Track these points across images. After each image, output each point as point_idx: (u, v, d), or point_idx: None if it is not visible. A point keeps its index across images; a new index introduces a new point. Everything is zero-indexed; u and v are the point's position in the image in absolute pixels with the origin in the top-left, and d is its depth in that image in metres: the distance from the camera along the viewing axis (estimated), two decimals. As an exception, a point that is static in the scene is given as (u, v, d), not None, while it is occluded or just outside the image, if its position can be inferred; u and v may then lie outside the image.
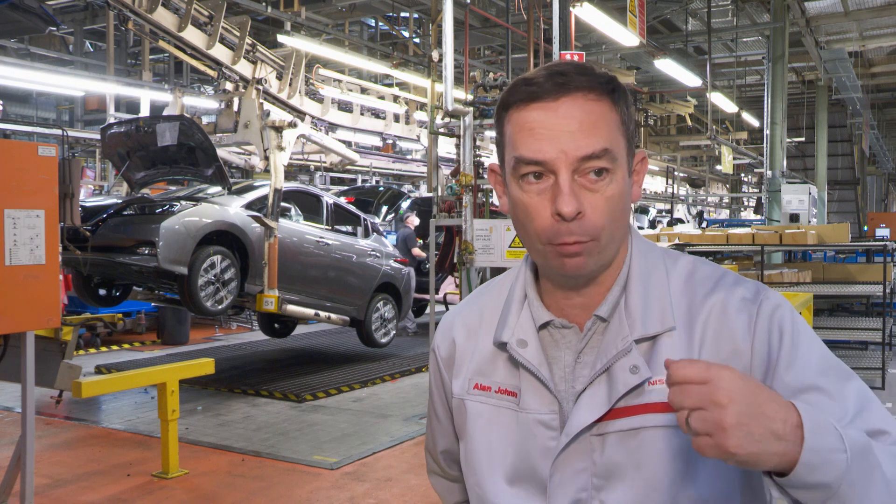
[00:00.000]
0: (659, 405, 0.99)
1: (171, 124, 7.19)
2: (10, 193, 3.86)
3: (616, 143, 1.00)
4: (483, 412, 1.11)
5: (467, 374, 1.14)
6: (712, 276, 1.07)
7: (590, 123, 0.98)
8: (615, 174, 1.00)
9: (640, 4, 8.56)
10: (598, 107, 1.00)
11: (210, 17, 7.57)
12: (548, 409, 1.05)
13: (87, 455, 5.52)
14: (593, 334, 1.05)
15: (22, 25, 7.01)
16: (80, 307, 9.40)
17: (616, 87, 1.02)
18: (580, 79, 1.00)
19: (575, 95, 0.99)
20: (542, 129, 0.99)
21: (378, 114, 11.93)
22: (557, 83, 0.99)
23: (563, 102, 0.99)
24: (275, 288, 7.39)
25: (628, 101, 1.05)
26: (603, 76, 1.02)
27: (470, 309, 1.20)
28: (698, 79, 13.61)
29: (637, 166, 1.07)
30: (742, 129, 23.22)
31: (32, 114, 18.75)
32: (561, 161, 0.98)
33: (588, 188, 0.99)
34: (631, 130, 1.04)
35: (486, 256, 6.43)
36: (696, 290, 1.06)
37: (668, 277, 1.07)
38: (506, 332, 1.09)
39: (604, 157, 0.98)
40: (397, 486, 4.92)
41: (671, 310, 1.03)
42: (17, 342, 4.06)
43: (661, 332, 1.02)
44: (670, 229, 13.82)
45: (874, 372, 7.78)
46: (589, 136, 0.98)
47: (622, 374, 1.00)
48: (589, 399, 1.02)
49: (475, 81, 7.88)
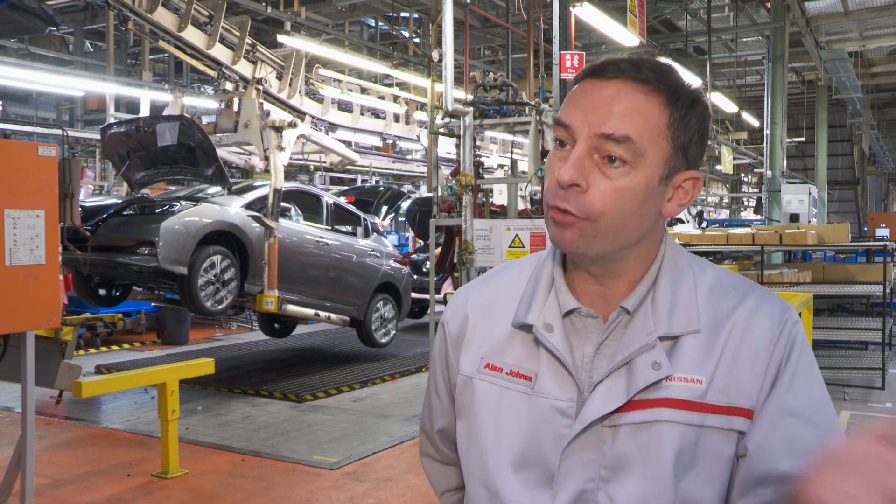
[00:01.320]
0: (672, 401, 1.00)
1: (171, 124, 7.19)
2: (10, 193, 3.86)
3: (646, 140, 0.99)
4: (492, 392, 1.10)
5: (479, 353, 1.13)
6: (740, 288, 1.08)
7: (626, 109, 0.99)
8: (635, 169, 0.99)
9: (640, 4, 8.55)
10: (646, 99, 0.99)
11: (210, 17, 7.57)
12: (567, 396, 1.04)
13: (87, 455, 5.52)
14: (616, 327, 1.05)
15: (22, 25, 7.02)
16: (80, 307, 9.40)
17: (680, 94, 1.01)
18: (645, 72, 1.00)
19: (626, 82, 1.00)
20: (582, 99, 1.02)
21: (378, 114, 11.94)
22: (620, 68, 1.01)
23: (613, 84, 1.00)
24: (275, 288, 7.39)
25: (694, 114, 1.02)
26: (670, 79, 1.02)
27: (486, 288, 1.19)
28: (698, 79, 13.60)
29: (685, 184, 1.05)
30: (742, 129, 23.23)
31: (32, 114, 18.75)
32: (582, 131, 0.99)
33: (601, 170, 0.99)
34: (684, 142, 1.02)
35: (486, 256, 6.42)
36: (724, 298, 1.06)
37: (696, 283, 1.07)
38: (531, 314, 1.08)
39: (623, 143, 0.98)
40: (397, 486, 4.92)
41: (697, 313, 1.04)
42: (17, 342, 4.06)
43: (685, 333, 1.02)
44: (670, 229, 13.80)
45: (874, 372, 7.78)
46: (619, 119, 0.98)
47: (644, 368, 1.00)
48: (607, 390, 1.01)
49: (475, 81, 7.88)
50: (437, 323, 1.25)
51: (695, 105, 1.02)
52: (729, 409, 1.00)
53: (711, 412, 1.00)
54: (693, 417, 1.00)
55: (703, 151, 1.06)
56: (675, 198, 1.05)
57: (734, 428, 1.00)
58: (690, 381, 1.00)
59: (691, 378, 1.00)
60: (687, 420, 0.99)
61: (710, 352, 1.02)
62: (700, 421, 1.00)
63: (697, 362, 1.01)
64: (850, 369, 7.91)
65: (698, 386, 1.00)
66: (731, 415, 1.00)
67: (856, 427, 0.89)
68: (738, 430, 1.01)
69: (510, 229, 6.37)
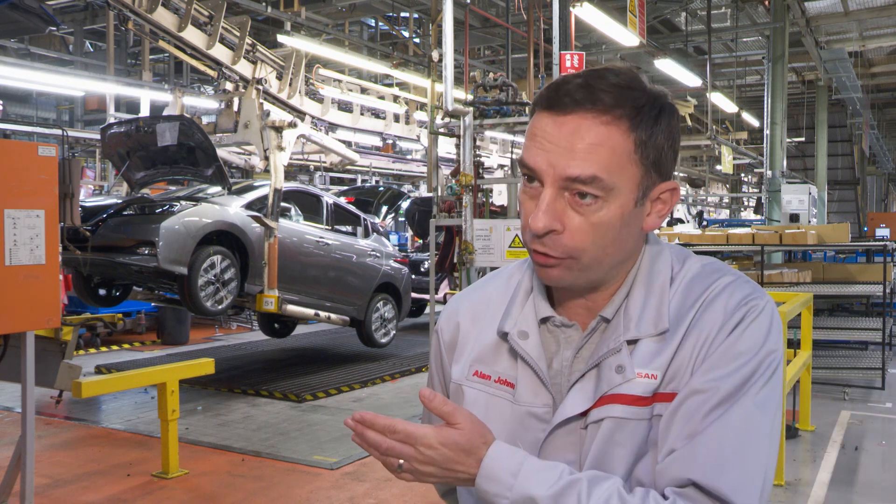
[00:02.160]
0: (624, 396, 1.00)
1: (171, 124, 7.19)
2: (10, 193, 3.86)
3: (614, 173, 0.97)
4: (479, 400, 1.11)
5: (468, 361, 1.14)
6: (713, 276, 1.06)
7: (588, 147, 0.96)
8: (608, 201, 0.98)
9: (640, 4, 8.55)
10: (607, 131, 0.97)
11: (210, 17, 7.57)
12: (541, 402, 1.06)
13: (87, 455, 5.52)
14: (595, 333, 1.06)
15: (22, 25, 7.01)
16: (80, 307, 9.40)
17: (642, 112, 0.98)
18: (602, 97, 0.97)
19: (585, 115, 0.97)
20: (542, 139, 0.99)
21: (378, 114, 11.93)
22: (575, 99, 0.97)
23: (571, 119, 0.97)
24: (275, 288, 7.39)
25: (660, 129, 1.00)
26: (628, 97, 0.98)
27: (477, 295, 1.20)
28: (698, 79, 13.61)
29: (663, 195, 1.04)
30: (742, 129, 23.24)
31: (32, 114, 18.74)
32: (548, 175, 0.98)
33: (574, 208, 0.98)
34: (654, 159, 1.00)
35: (486, 256, 6.43)
36: (693, 290, 1.05)
37: (673, 280, 1.07)
38: (508, 322, 1.10)
39: (591, 184, 0.96)
40: (397, 486, 4.92)
41: (667, 313, 1.03)
42: (17, 342, 4.06)
43: (653, 335, 1.02)
44: (670, 229, 13.79)
45: (874, 372, 7.78)
46: (583, 159, 0.96)
47: (608, 371, 1.02)
48: (577, 392, 1.03)
49: (475, 81, 7.89)
50: (437, 322, 1.26)
51: (660, 118, 1.00)
52: (673, 396, 1.00)
53: (660, 401, 1.00)
54: (642, 412, 1.00)
55: (676, 157, 1.04)
56: (653, 211, 1.05)
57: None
58: (645, 377, 1.01)
59: (645, 373, 1.01)
60: (636, 415, 1.00)
61: (667, 345, 1.02)
62: (649, 414, 1.00)
63: (652, 356, 1.02)
64: (850, 369, 7.90)
65: (652, 381, 1.01)
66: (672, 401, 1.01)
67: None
68: None
69: (510, 229, 6.37)
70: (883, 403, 7.14)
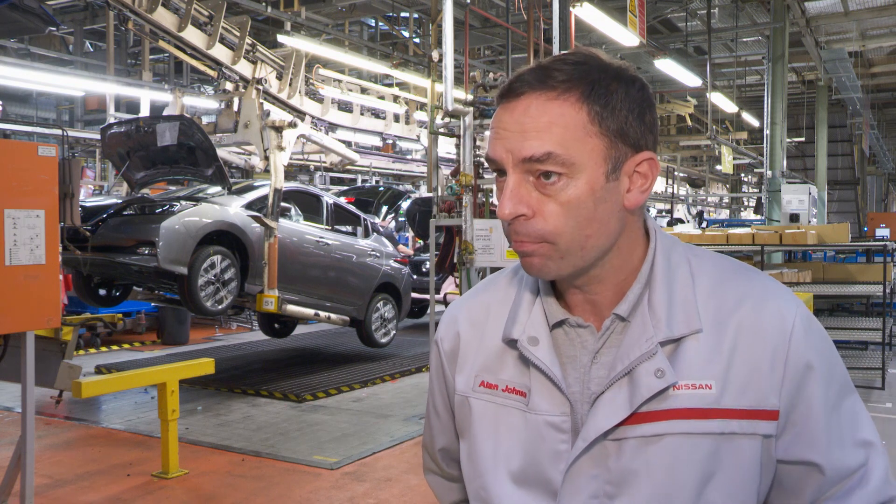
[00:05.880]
0: (683, 411, 0.95)
1: (171, 124, 7.19)
2: (10, 193, 3.86)
3: (571, 147, 0.93)
4: (488, 411, 1.06)
5: (472, 371, 1.09)
6: (742, 275, 1.03)
7: (540, 125, 0.94)
8: (573, 179, 0.94)
9: (640, 4, 8.55)
10: (556, 105, 0.94)
11: (210, 17, 7.57)
12: (559, 410, 1.00)
13: (87, 455, 5.52)
14: (611, 334, 1.01)
15: (22, 25, 7.01)
16: (80, 307, 9.40)
17: (595, 83, 0.95)
18: (553, 75, 0.95)
19: (531, 95, 0.95)
20: (499, 129, 0.97)
21: (378, 114, 11.93)
22: (527, 81, 0.96)
23: (521, 102, 0.95)
24: (275, 288, 7.39)
25: (618, 96, 0.95)
26: (579, 72, 0.95)
27: (476, 301, 1.15)
28: (698, 79, 13.61)
29: (640, 167, 0.98)
30: (742, 129, 23.23)
31: (32, 114, 18.74)
32: (508, 161, 0.96)
33: (541, 191, 0.95)
34: (618, 128, 0.95)
35: (486, 256, 6.42)
36: (727, 291, 1.01)
37: (694, 277, 1.02)
38: (516, 328, 1.04)
39: (547, 161, 0.93)
40: (397, 486, 4.92)
41: (697, 311, 0.98)
42: (17, 342, 4.06)
43: (687, 335, 0.97)
44: (670, 229, 13.79)
45: (874, 372, 7.78)
46: (535, 139, 0.93)
47: (646, 377, 0.95)
48: (608, 403, 0.97)
49: (475, 81, 7.87)
50: (437, 323, 1.24)
51: (617, 86, 0.96)
52: (751, 413, 0.96)
53: (732, 417, 0.96)
54: (710, 426, 0.95)
55: (649, 127, 0.98)
56: (633, 187, 0.98)
57: (758, 432, 0.97)
58: (699, 388, 0.95)
59: (699, 384, 0.96)
60: (702, 429, 0.95)
61: (717, 352, 0.97)
62: (720, 428, 0.95)
63: (703, 366, 0.96)
64: (850, 369, 7.90)
65: (709, 392, 0.95)
66: (753, 418, 0.96)
67: None
68: (762, 434, 0.97)
69: (510, 229, 6.35)
70: (883, 403, 7.14)
